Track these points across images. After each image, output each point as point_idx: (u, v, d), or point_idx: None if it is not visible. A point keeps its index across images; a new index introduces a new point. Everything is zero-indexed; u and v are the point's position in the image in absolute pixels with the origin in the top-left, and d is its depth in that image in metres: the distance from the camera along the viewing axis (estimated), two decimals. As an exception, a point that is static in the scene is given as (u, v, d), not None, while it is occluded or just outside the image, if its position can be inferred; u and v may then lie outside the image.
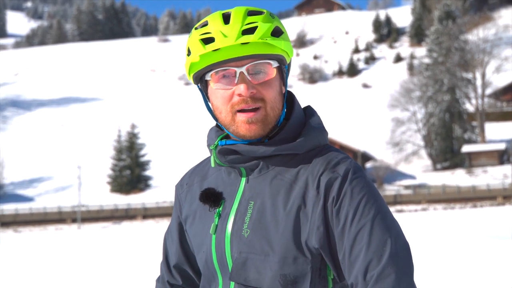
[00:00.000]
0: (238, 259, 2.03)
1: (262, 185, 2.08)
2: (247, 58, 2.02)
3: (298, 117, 2.13)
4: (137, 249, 24.84)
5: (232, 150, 2.08)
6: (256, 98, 2.03)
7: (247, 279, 2.02)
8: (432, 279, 12.44)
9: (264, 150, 2.06)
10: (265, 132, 2.06)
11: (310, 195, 2.01)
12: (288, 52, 2.11)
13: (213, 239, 2.11)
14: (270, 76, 2.06)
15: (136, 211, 69.33)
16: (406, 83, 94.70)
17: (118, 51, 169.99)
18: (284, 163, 2.08)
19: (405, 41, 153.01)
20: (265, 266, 2.00)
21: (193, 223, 2.22)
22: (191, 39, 2.08)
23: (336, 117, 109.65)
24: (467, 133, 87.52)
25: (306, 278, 1.99)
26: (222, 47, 2.00)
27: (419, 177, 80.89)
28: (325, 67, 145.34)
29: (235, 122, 2.05)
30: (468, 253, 16.59)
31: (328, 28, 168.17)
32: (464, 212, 44.97)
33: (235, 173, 2.14)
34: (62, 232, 53.08)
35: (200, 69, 2.07)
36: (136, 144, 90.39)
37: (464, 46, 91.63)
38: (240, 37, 2.00)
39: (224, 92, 2.05)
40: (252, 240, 2.03)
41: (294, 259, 1.99)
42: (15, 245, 32.98)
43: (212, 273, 2.14)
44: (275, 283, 1.99)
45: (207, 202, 2.14)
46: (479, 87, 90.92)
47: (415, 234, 23.86)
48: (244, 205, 2.08)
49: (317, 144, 2.11)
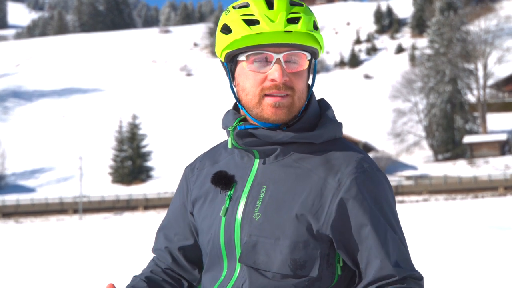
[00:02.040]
0: (248, 242, 2.05)
1: (277, 171, 2.10)
2: (286, 46, 2.06)
3: (315, 108, 2.17)
4: (138, 240, 24.86)
5: (250, 133, 2.10)
6: (287, 86, 2.07)
7: (256, 262, 2.04)
8: (433, 269, 12.44)
9: (282, 136, 2.08)
10: (288, 119, 2.09)
11: (330, 186, 2.05)
12: (321, 46, 2.15)
13: (222, 221, 2.12)
14: (303, 67, 2.09)
15: (137, 202, 69.42)
16: (408, 74, 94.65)
17: (119, 42, 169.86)
18: (301, 151, 2.11)
19: (406, 32, 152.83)
20: (275, 250, 2.02)
21: (203, 206, 2.22)
22: (230, 17, 2.09)
23: (337, 108, 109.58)
24: (468, 123, 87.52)
25: (315, 263, 2.03)
26: (269, 31, 2.03)
27: (420, 168, 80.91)
28: (327, 58, 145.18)
29: (261, 105, 2.08)
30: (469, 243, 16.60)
31: (329, 19, 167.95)
32: (466, 203, 44.99)
33: (248, 157, 2.16)
34: (63, 223, 53.16)
35: (238, 48, 2.08)
36: (137, 135, 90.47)
37: (466, 37, 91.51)
38: (287, 25, 2.03)
39: (257, 75, 2.08)
40: (263, 223, 2.05)
41: (305, 244, 2.02)
42: (16, 236, 33.03)
43: (217, 255, 2.14)
44: (284, 267, 2.02)
45: (219, 184, 2.15)
46: (481, 78, 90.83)
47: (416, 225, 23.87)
48: (257, 189, 2.10)
49: (333, 136, 2.14)
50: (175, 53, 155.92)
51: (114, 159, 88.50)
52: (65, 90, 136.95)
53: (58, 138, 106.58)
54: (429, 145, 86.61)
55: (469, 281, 10.83)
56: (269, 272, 2.03)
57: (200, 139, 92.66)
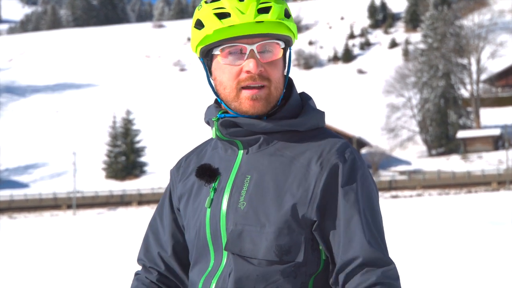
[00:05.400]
0: (234, 230, 2.06)
1: (261, 160, 2.12)
2: (258, 37, 2.07)
3: (296, 98, 2.18)
4: (132, 235, 24.86)
5: (234, 122, 2.11)
6: (262, 77, 2.08)
7: (242, 250, 2.05)
8: (427, 264, 12.48)
9: (264, 125, 2.09)
10: (267, 110, 2.10)
11: (312, 172, 2.06)
12: (295, 33, 2.16)
13: (208, 212, 2.13)
14: (277, 56, 2.11)
15: (131, 197, 69.36)
16: (401, 68, 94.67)
17: (113, 37, 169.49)
18: (284, 140, 2.13)
19: (400, 27, 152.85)
20: (260, 237, 2.03)
21: (189, 201, 2.23)
22: (203, 12, 2.10)
23: (331, 103, 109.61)
24: (462, 118, 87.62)
25: (300, 248, 2.04)
26: (240, 23, 2.04)
27: (414, 163, 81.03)
28: (320, 52, 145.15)
29: (239, 98, 2.09)
30: (463, 238, 16.65)
31: (323, 13, 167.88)
32: (459, 198, 45.09)
33: (232, 149, 2.17)
34: (57, 218, 53.11)
35: (211, 42, 2.10)
36: (131, 130, 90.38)
37: (459, 32, 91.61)
38: (257, 16, 2.04)
39: (232, 68, 2.09)
40: (248, 212, 2.06)
41: (290, 230, 2.03)
42: (10, 232, 32.99)
43: (203, 247, 2.15)
44: (270, 253, 2.03)
45: (203, 177, 2.16)
46: (474, 73, 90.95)
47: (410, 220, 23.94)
48: (241, 179, 2.11)
49: (316, 124, 2.16)
50: (169, 48, 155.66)
51: (108, 154, 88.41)
52: (59, 85, 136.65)
53: (52, 134, 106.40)
54: (422, 140, 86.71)
55: (463, 275, 10.87)
56: (255, 259, 2.04)
57: (194, 134, 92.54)
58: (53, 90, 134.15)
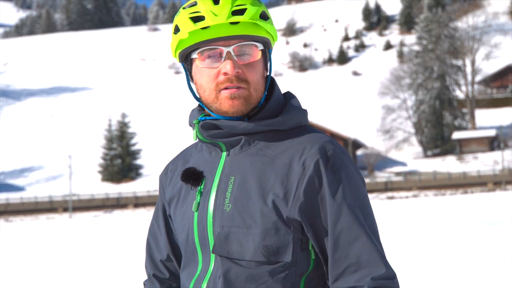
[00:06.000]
0: (221, 233, 2.06)
1: (243, 161, 2.11)
2: (235, 38, 2.07)
3: (278, 98, 2.17)
4: (128, 237, 24.85)
5: (214, 124, 2.12)
6: (240, 79, 2.07)
7: (229, 252, 2.05)
8: (423, 265, 12.51)
9: (245, 126, 2.09)
10: (247, 110, 2.10)
11: (295, 171, 2.05)
12: (273, 36, 2.16)
13: (195, 216, 2.14)
14: (255, 58, 2.10)
15: (127, 200, 69.31)
16: (396, 70, 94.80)
17: (108, 41, 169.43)
18: (266, 140, 2.13)
19: (394, 29, 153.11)
20: (247, 239, 2.03)
21: (177, 205, 2.24)
22: (179, 18, 2.12)
23: (326, 105, 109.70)
24: (457, 120, 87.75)
25: (288, 249, 2.03)
26: (212, 24, 2.04)
27: (410, 164, 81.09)
28: (315, 55, 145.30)
29: (218, 99, 2.09)
30: (459, 239, 16.68)
31: (317, 16, 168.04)
32: (455, 199, 45.12)
33: (216, 151, 2.18)
34: (53, 221, 53.03)
35: (187, 46, 2.11)
36: (126, 133, 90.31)
37: (454, 33, 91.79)
38: (230, 17, 2.04)
39: (210, 71, 2.09)
40: (233, 214, 2.06)
41: (276, 230, 2.02)
42: (6, 235, 32.94)
43: (192, 251, 2.16)
44: (257, 254, 2.03)
45: (189, 181, 2.17)
46: (469, 74, 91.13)
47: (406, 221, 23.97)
48: (225, 181, 2.11)
49: (298, 122, 2.15)
50: (164, 51, 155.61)
51: (103, 157, 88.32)
52: (54, 88, 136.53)
53: (47, 137, 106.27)
54: (418, 141, 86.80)
55: (460, 276, 10.90)
56: (243, 261, 2.04)
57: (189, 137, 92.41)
58: (48, 93, 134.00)
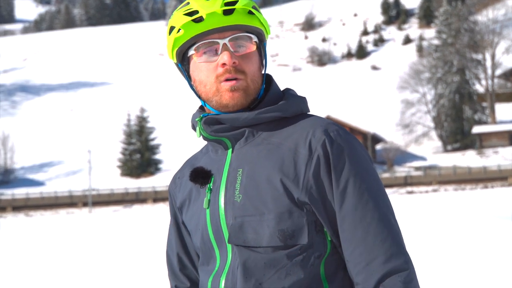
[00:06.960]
0: (234, 224, 2.07)
1: (249, 152, 2.13)
2: (229, 30, 2.10)
3: (276, 91, 2.21)
4: (148, 232, 24.93)
5: (217, 119, 2.14)
6: (238, 70, 2.10)
7: (246, 241, 2.05)
8: (443, 260, 12.45)
9: (247, 115, 2.11)
10: (247, 102, 2.13)
11: (302, 155, 2.06)
12: (266, 27, 2.20)
13: (207, 213, 2.14)
14: (250, 49, 2.14)
15: (146, 194, 69.60)
16: (415, 64, 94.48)
17: (126, 36, 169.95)
18: (269, 129, 2.15)
19: (414, 23, 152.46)
20: (262, 225, 2.04)
21: (189, 208, 2.25)
22: (173, 19, 2.15)
23: (345, 100, 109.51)
24: (477, 114, 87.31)
25: (303, 231, 2.04)
26: (207, 14, 2.07)
27: (429, 159, 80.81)
28: (334, 49, 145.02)
29: (219, 92, 2.11)
30: (479, 234, 16.58)
31: (336, 10, 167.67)
32: (475, 193, 44.92)
33: (221, 150, 2.19)
34: (73, 216, 53.34)
35: (184, 42, 2.14)
36: (145, 128, 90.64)
37: (474, 27, 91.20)
38: (223, 6, 2.08)
39: (209, 65, 2.12)
40: (245, 203, 2.07)
41: (290, 214, 2.03)
42: (26, 229, 33.15)
43: (209, 248, 2.17)
44: (274, 239, 2.03)
45: (197, 180, 2.18)
46: (489, 68, 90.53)
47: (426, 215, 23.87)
48: (233, 174, 2.12)
49: (299, 110, 2.18)
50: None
51: (122, 152, 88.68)
52: (73, 84, 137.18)
53: (67, 132, 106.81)
54: (438, 135, 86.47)
55: (478, 272, 10.83)
56: (260, 248, 2.04)
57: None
58: (68, 88, 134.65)
